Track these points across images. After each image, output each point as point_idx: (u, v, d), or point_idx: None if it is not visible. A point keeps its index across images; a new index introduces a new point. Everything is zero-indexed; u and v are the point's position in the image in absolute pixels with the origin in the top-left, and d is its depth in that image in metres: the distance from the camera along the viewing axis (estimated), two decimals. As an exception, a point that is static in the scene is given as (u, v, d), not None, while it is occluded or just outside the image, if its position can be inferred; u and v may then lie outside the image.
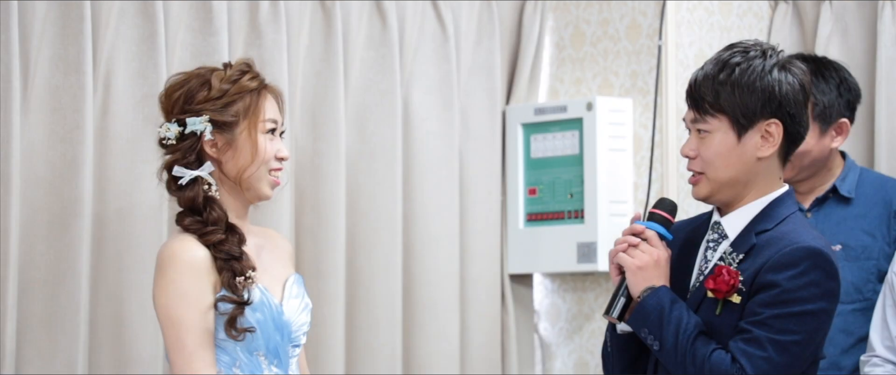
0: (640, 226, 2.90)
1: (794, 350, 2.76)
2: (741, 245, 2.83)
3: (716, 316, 2.80)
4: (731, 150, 2.83)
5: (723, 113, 2.83)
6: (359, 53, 4.39)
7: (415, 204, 4.48)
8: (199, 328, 2.92)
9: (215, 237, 2.98)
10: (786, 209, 2.86)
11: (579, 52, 4.69)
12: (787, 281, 2.75)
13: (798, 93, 2.84)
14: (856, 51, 4.18)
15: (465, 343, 4.56)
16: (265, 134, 3.05)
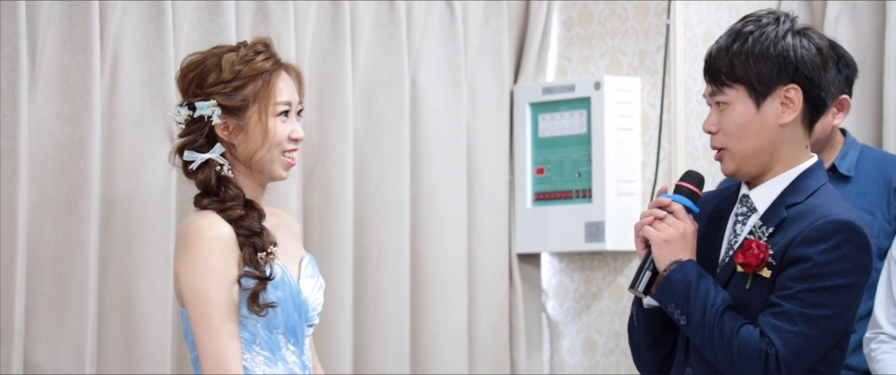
0: (666, 199, 2.86)
1: (824, 324, 2.72)
2: (771, 219, 2.80)
3: (745, 291, 2.77)
4: (751, 119, 2.80)
5: (739, 82, 2.80)
6: (366, 33, 4.39)
7: (422, 184, 4.48)
8: (225, 304, 2.93)
9: (235, 213, 2.99)
10: (816, 181, 2.82)
11: (587, 30, 4.68)
12: (818, 255, 2.71)
13: (815, 56, 2.81)
14: (864, 30, 4.17)
15: (472, 322, 4.57)
16: (277, 116, 3.05)
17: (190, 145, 3.05)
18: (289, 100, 3.06)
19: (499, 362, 4.61)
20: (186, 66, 3.08)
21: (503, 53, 4.64)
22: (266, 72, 3.04)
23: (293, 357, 3.04)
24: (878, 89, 4.14)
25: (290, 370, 3.03)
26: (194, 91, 3.05)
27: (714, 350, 2.75)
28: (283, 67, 3.09)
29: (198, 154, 3.03)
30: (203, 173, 3.03)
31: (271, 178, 3.07)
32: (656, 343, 2.91)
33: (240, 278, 2.95)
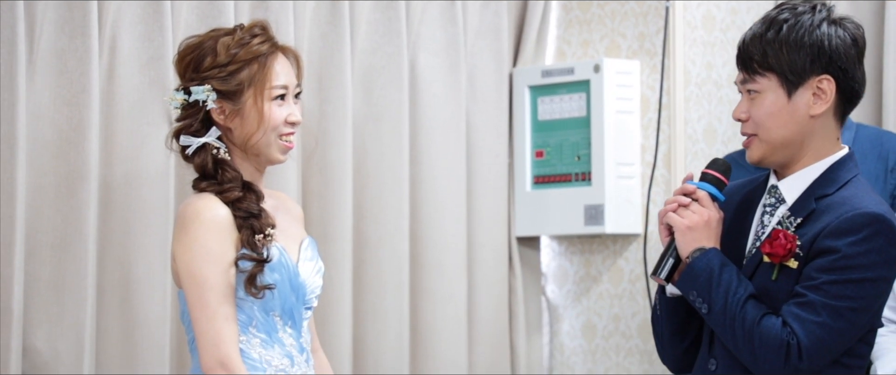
0: (691, 186, 2.82)
1: (849, 316, 2.68)
2: (800, 210, 2.75)
3: (772, 281, 2.73)
4: (782, 109, 2.75)
5: (772, 71, 2.75)
6: (365, 16, 4.38)
7: (422, 167, 4.48)
8: (222, 285, 2.93)
9: (233, 195, 2.99)
10: (846, 173, 2.78)
11: (587, 13, 4.67)
12: (846, 247, 2.67)
13: (849, 47, 2.76)
14: (864, 11, 4.16)
15: (472, 305, 4.56)
16: (274, 100, 3.03)
17: (186, 130, 3.04)
18: (285, 83, 3.05)
19: (498, 345, 4.61)
20: (183, 49, 3.07)
21: (502, 36, 4.63)
22: (262, 55, 3.03)
23: (290, 339, 3.04)
24: (878, 73, 4.13)
25: (287, 352, 3.03)
26: (190, 75, 3.05)
27: (735, 339, 2.72)
28: (280, 49, 3.08)
29: (194, 138, 3.03)
30: (200, 156, 3.03)
31: (269, 161, 3.06)
32: (680, 333, 2.87)
33: (237, 260, 2.95)
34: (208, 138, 3.03)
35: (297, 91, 3.09)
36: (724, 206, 2.87)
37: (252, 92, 3.01)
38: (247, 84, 3.01)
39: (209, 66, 3.02)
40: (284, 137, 3.05)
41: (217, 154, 3.03)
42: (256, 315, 2.99)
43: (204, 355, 2.93)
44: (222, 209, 2.97)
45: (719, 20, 4.42)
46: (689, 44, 4.45)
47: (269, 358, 2.99)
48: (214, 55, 3.02)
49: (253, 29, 3.06)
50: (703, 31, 4.45)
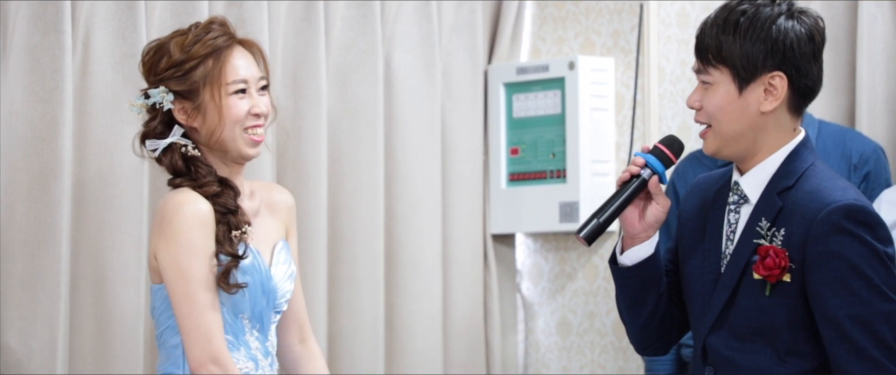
0: (640, 159, 2.80)
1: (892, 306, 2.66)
2: (767, 210, 2.73)
3: (766, 297, 2.70)
4: (733, 103, 2.72)
5: (724, 64, 2.72)
6: (340, 13, 4.38)
7: (397, 164, 4.48)
8: (207, 278, 2.92)
9: (211, 190, 2.97)
10: (802, 163, 2.75)
11: (561, 10, 4.68)
12: (841, 248, 2.65)
13: (805, 43, 2.72)
14: (837, 8, 4.17)
15: (447, 303, 4.56)
16: (233, 95, 3.00)
17: (150, 133, 3.03)
18: (244, 77, 3.02)
19: (473, 342, 4.61)
20: (145, 52, 3.07)
21: (477, 33, 4.63)
22: (216, 51, 2.99)
23: (256, 342, 3.02)
24: (851, 71, 4.14)
25: (252, 356, 3.01)
26: (150, 78, 3.04)
27: None
28: (239, 42, 3.05)
29: (159, 141, 3.02)
30: (168, 157, 3.02)
31: (240, 157, 3.03)
32: (636, 305, 2.86)
33: (217, 254, 2.94)
34: (172, 138, 3.01)
35: (262, 84, 3.06)
36: (689, 198, 2.87)
37: (209, 89, 2.98)
38: (202, 82, 2.98)
39: (165, 67, 3.00)
40: (250, 129, 3.02)
41: (186, 152, 3.01)
42: (225, 317, 2.98)
43: (194, 349, 2.90)
44: (203, 203, 2.95)
45: (693, 18, 4.42)
46: (664, 41, 4.46)
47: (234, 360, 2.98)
48: (169, 55, 3.00)
49: (209, 25, 3.04)
50: (678, 29, 4.46)
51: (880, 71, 4.07)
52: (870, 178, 3.79)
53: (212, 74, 2.99)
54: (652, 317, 2.87)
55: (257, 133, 3.03)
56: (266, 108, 3.04)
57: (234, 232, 2.96)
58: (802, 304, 2.70)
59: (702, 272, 2.80)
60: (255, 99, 3.03)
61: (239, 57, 3.03)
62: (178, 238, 2.92)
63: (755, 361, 2.72)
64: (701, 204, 2.85)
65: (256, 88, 3.04)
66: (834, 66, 4.14)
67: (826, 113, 4.11)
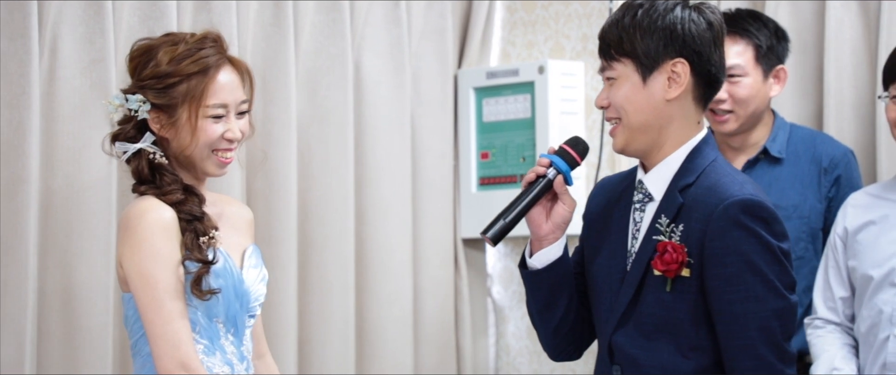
0: (545, 159, 2.84)
1: (784, 303, 2.71)
2: (668, 208, 2.76)
3: (667, 293, 2.74)
4: (639, 93, 2.76)
5: (627, 56, 2.76)
6: (309, 17, 4.37)
7: (367, 169, 4.47)
8: (173, 285, 2.91)
9: (175, 197, 2.97)
10: (704, 159, 2.78)
11: (531, 15, 4.68)
12: (736, 243, 2.69)
13: (705, 31, 2.77)
14: (805, 12, 4.19)
15: (418, 307, 4.56)
16: (209, 118, 2.99)
17: (122, 135, 3.02)
18: (224, 101, 3.00)
19: (444, 346, 4.61)
20: (134, 50, 3.05)
21: (447, 38, 4.63)
22: (202, 71, 2.97)
23: (232, 347, 3.02)
24: (819, 72, 4.16)
25: (227, 360, 3.01)
26: (134, 79, 3.03)
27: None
28: (230, 62, 3.03)
29: (129, 144, 3.01)
30: (134, 162, 3.01)
31: (204, 174, 3.04)
32: (547, 309, 2.88)
33: (183, 261, 2.93)
34: (142, 145, 3.00)
35: (242, 108, 3.04)
36: (596, 201, 2.90)
37: (187, 108, 2.97)
38: (181, 100, 2.97)
39: (148, 75, 2.99)
40: (220, 152, 3.01)
41: (153, 159, 3.00)
42: (200, 321, 2.98)
43: (163, 357, 2.89)
44: (167, 211, 2.95)
45: (662, 21, 4.43)
46: (633, 45, 4.46)
47: (210, 365, 2.98)
48: (156, 64, 2.99)
49: (203, 40, 3.01)
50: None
51: (848, 75, 4.09)
52: (840, 182, 3.81)
53: (193, 94, 2.97)
54: (564, 320, 2.89)
55: (226, 156, 3.03)
56: (240, 133, 3.03)
57: (202, 238, 2.95)
58: (703, 299, 2.73)
59: (608, 272, 2.84)
60: (231, 124, 3.02)
61: (225, 78, 3.01)
62: (142, 246, 2.91)
63: (659, 358, 2.75)
64: (606, 204, 2.89)
65: (236, 111, 3.03)
66: (802, 69, 4.16)
67: (794, 116, 4.12)
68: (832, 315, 3.62)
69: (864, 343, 3.54)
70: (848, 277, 3.60)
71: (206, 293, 2.94)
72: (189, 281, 2.93)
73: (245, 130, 3.05)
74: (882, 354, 3.48)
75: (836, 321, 3.62)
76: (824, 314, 3.63)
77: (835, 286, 3.61)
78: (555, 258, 2.86)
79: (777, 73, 3.82)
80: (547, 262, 2.86)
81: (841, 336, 3.60)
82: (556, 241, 2.85)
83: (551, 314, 2.88)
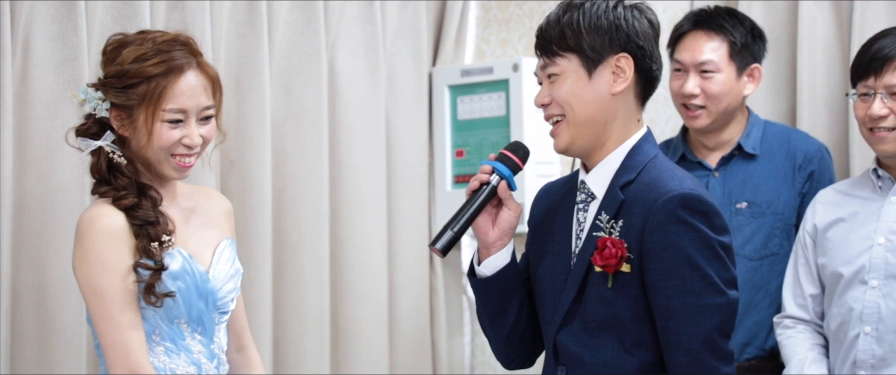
0: (488, 166, 2.85)
1: (721, 299, 2.70)
2: (609, 205, 2.77)
3: (609, 289, 2.74)
4: (584, 87, 2.77)
5: (571, 52, 2.78)
6: (283, 15, 4.36)
7: (342, 167, 4.47)
8: (121, 295, 2.89)
9: (127, 202, 2.93)
10: (644, 156, 2.80)
11: (505, 12, 4.68)
12: (676, 237, 2.69)
13: (646, 27, 2.81)
14: (778, 9, 4.20)
15: (393, 305, 4.56)
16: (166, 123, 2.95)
17: (84, 131, 3.00)
18: (183, 107, 2.95)
19: (420, 345, 4.61)
20: (107, 45, 3.02)
21: (421, 36, 4.63)
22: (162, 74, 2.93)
23: (199, 346, 3.00)
24: (792, 70, 4.17)
25: (194, 360, 2.99)
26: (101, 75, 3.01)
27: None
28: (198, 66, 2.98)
29: (90, 141, 2.99)
30: (94, 158, 2.99)
31: (162, 177, 3.00)
32: (498, 317, 2.88)
33: (135, 268, 2.90)
34: (102, 143, 2.98)
35: (206, 114, 2.99)
36: (540, 206, 2.90)
37: (144, 110, 2.93)
38: (139, 102, 2.93)
39: (112, 72, 2.96)
40: (178, 157, 2.97)
41: (112, 158, 2.98)
42: (160, 324, 2.96)
43: (114, 366, 2.88)
44: (117, 218, 2.91)
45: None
46: (607, 43, 4.47)
47: (173, 367, 2.96)
48: (121, 61, 2.96)
49: (172, 43, 2.96)
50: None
51: (821, 71, 4.10)
52: (814, 177, 3.82)
53: (151, 96, 2.93)
54: (515, 327, 2.89)
55: (186, 161, 2.98)
56: (199, 140, 2.97)
57: (154, 244, 2.92)
58: (644, 295, 2.74)
59: (553, 273, 2.84)
60: (191, 129, 2.96)
61: (188, 82, 2.95)
62: (89, 256, 2.89)
63: (603, 355, 2.76)
64: (549, 208, 2.90)
65: (198, 117, 2.98)
66: (775, 66, 4.17)
67: (768, 113, 4.13)
68: (802, 313, 3.63)
69: (834, 340, 3.55)
70: (818, 274, 3.61)
71: (160, 298, 2.91)
72: (141, 288, 2.91)
73: (208, 135, 2.98)
74: (852, 352, 3.49)
75: (806, 319, 3.63)
76: (794, 312, 3.64)
77: (805, 284, 3.62)
78: (503, 264, 2.86)
79: (751, 71, 3.83)
80: (495, 269, 2.86)
81: (811, 336, 3.61)
82: (503, 247, 2.86)
83: (502, 322, 2.88)
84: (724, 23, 3.79)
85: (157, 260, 2.90)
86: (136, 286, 2.91)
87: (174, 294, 2.93)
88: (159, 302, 2.91)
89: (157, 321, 2.95)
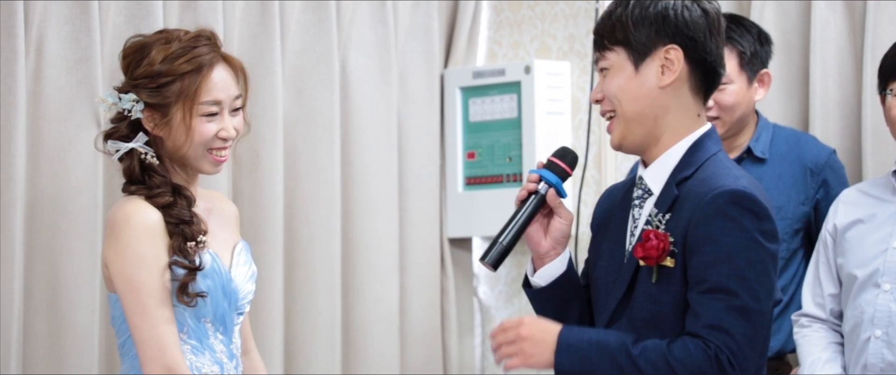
0: (535, 175, 2.78)
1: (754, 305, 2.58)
2: (664, 201, 2.68)
3: (653, 285, 2.65)
4: (631, 81, 2.69)
5: (619, 45, 2.70)
6: (296, 16, 4.37)
7: (353, 168, 4.47)
8: (158, 290, 2.90)
9: (163, 200, 2.96)
10: (705, 152, 2.70)
11: (517, 15, 4.69)
12: (720, 234, 2.58)
13: (700, 17, 2.70)
14: (790, 13, 4.20)
15: (404, 306, 4.56)
16: (204, 116, 2.99)
17: (115, 134, 3.02)
18: (219, 99, 3.00)
19: (430, 346, 4.61)
20: (127, 47, 3.04)
21: (433, 37, 4.63)
22: (196, 69, 2.97)
23: (221, 345, 3.02)
24: (805, 73, 4.17)
25: (217, 359, 3.01)
26: (127, 77, 3.02)
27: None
28: (223, 59, 3.02)
29: (121, 143, 3.01)
30: (126, 161, 3.01)
31: (199, 173, 3.04)
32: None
33: (170, 265, 2.92)
34: (135, 144, 3.00)
35: (237, 105, 3.03)
36: (604, 209, 2.83)
37: (181, 106, 2.97)
38: (175, 98, 2.97)
39: (142, 73, 2.98)
40: (215, 151, 3.01)
41: (144, 160, 3.00)
42: (188, 322, 2.97)
43: (149, 362, 2.89)
44: (153, 214, 2.94)
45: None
46: (619, 45, 4.47)
47: (199, 365, 2.97)
48: (149, 63, 2.98)
49: (197, 38, 3.00)
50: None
51: (833, 75, 4.09)
52: (828, 184, 3.82)
53: (187, 92, 2.96)
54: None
55: (221, 155, 3.03)
56: (234, 131, 3.02)
57: (190, 243, 2.94)
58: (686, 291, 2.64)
59: (606, 272, 2.76)
60: (226, 122, 3.01)
61: (219, 75, 3.00)
62: (127, 251, 2.90)
63: None
64: (609, 208, 2.82)
65: (230, 108, 3.02)
66: (787, 70, 4.17)
67: (779, 117, 4.13)
68: (819, 311, 3.62)
69: (849, 341, 3.55)
70: (837, 273, 3.60)
71: (193, 297, 2.93)
72: (174, 287, 2.92)
73: (239, 127, 3.04)
74: (864, 355, 3.48)
75: (823, 318, 3.62)
76: (812, 311, 3.63)
77: (824, 282, 3.61)
78: (558, 273, 2.79)
79: (761, 77, 3.82)
80: (550, 278, 2.79)
81: (827, 335, 3.60)
82: (557, 256, 2.79)
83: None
84: (732, 33, 3.78)
85: (192, 260, 2.92)
86: (171, 284, 2.92)
87: (206, 295, 2.95)
88: (193, 302, 2.93)
89: (185, 319, 2.97)
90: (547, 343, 2.63)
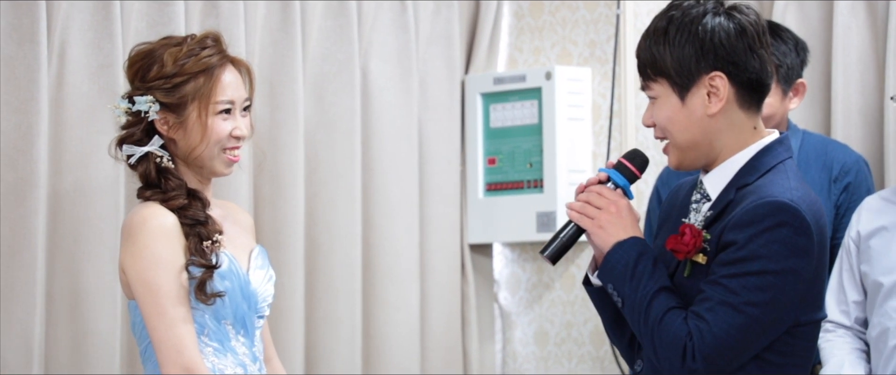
0: (603, 174, 2.74)
1: (749, 311, 2.54)
2: (718, 205, 2.65)
3: (685, 278, 2.63)
4: (678, 112, 2.65)
5: (661, 75, 2.65)
6: (317, 23, 4.37)
7: (374, 174, 4.47)
8: (175, 291, 2.92)
9: (178, 203, 2.98)
10: (773, 158, 2.66)
11: (538, 20, 4.68)
12: (745, 238, 2.55)
13: (736, 38, 2.63)
14: (812, 19, 4.19)
15: (424, 312, 4.56)
16: (218, 115, 3.02)
17: (129, 139, 3.03)
18: (231, 98, 3.03)
19: (451, 353, 4.61)
20: (133, 55, 3.07)
21: (454, 43, 4.63)
22: (209, 69, 3.01)
23: (243, 348, 3.03)
24: (827, 79, 4.16)
25: (239, 361, 3.02)
26: (137, 83, 3.04)
27: (641, 335, 2.61)
28: (230, 61, 3.07)
29: (136, 148, 3.03)
30: (142, 165, 3.03)
31: (213, 174, 3.06)
32: (618, 323, 2.76)
33: (187, 266, 2.94)
34: (150, 148, 3.02)
35: (246, 104, 3.08)
36: (663, 206, 2.82)
37: (196, 105, 3.00)
38: (191, 97, 3.00)
39: (155, 76, 3.01)
40: (229, 150, 3.04)
41: (160, 163, 3.02)
42: (208, 324, 2.99)
43: (167, 363, 2.90)
44: (169, 217, 2.96)
45: (670, 28, 4.43)
46: (640, 51, 4.46)
47: (222, 367, 2.98)
48: (161, 65, 3.01)
49: (204, 40, 3.05)
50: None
51: (855, 81, 4.08)
52: (850, 189, 3.80)
53: (202, 92, 3.00)
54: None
55: (235, 154, 3.06)
56: (246, 130, 3.06)
57: (206, 242, 2.96)
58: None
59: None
60: (238, 121, 3.05)
61: (228, 76, 3.04)
62: (144, 253, 2.92)
63: None
64: (669, 209, 2.81)
65: (240, 109, 3.06)
66: (809, 76, 4.15)
67: (802, 123, 4.12)
68: (844, 319, 3.61)
69: (875, 349, 3.53)
70: (861, 281, 3.59)
71: (211, 296, 2.95)
72: (192, 286, 2.94)
73: (249, 129, 3.08)
74: (892, 362, 3.47)
75: (848, 325, 3.61)
76: (836, 318, 3.62)
77: (848, 290, 3.60)
78: None
79: (796, 87, 3.80)
80: None
81: (851, 341, 3.59)
82: None
83: (622, 330, 2.76)
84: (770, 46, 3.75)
85: (209, 259, 2.93)
86: (188, 284, 2.93)
87: (224, 294, 2.96)
88: (211, 301, 2.94)
89: (205, 321, 2.98)
90: (619, 234, 2.67)
